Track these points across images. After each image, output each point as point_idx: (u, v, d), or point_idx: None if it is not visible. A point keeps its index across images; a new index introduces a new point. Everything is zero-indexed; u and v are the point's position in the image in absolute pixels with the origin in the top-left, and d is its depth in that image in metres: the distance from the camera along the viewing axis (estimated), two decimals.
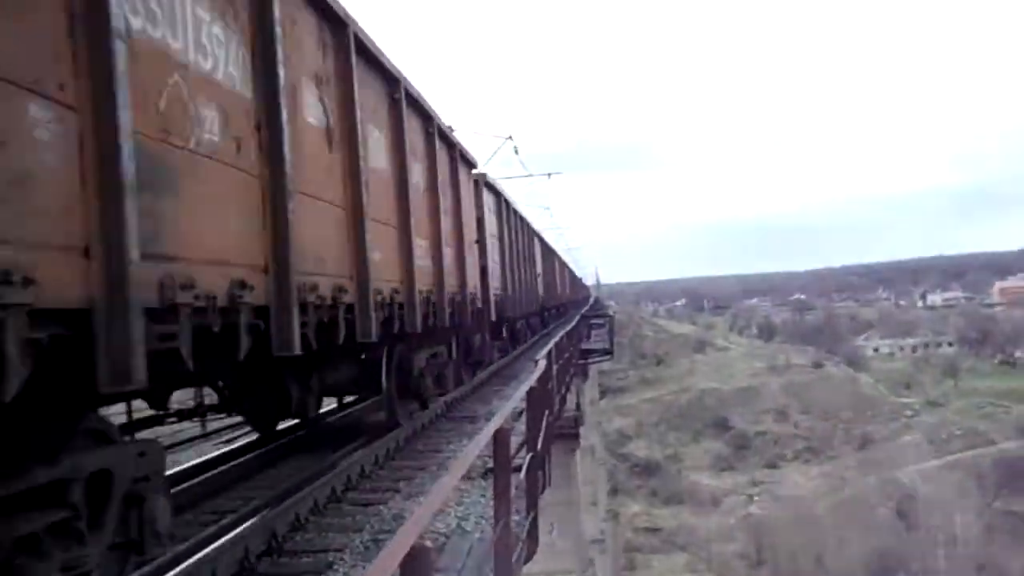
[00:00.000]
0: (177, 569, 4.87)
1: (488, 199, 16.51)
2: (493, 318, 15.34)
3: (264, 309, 4.77)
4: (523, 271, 22.52)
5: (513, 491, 6.37)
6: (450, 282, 10.63)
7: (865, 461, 76.90)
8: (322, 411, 10.80)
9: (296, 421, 9.90)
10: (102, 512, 3.97)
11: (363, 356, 9.16)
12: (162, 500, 4.42)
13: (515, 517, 6.66)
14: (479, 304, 13.20)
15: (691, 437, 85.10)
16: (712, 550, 67.06)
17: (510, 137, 29.96)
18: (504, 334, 20.21)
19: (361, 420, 11.38)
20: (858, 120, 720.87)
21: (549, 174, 36.71)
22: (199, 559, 5.03)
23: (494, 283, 15.94)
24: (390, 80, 8.36)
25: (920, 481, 71.13)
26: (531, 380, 7.01)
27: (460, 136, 12.88)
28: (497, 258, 17.31)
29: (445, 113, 10.80)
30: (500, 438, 4.55)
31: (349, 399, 11.99)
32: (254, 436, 9.56)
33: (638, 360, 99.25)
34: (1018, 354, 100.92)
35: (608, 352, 35.80)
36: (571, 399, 21.69)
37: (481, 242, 14.35)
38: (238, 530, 5.67)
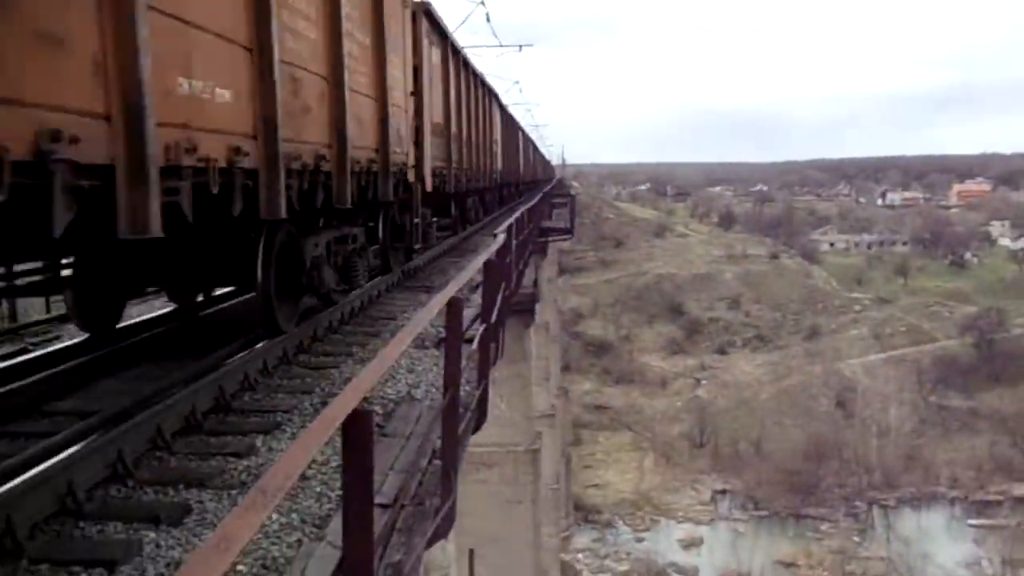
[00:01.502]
0: (126, 424, 4.85)
1: (430, 43, 13.58)
2: (428, 190, 12.83)
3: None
4: (477, 139, 19.97)
5: (465, 362, 6.39)
6: (363, 143, 8.53)
7: (811, 352, 78.99)
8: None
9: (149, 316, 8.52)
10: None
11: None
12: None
13: (466, 387, 6.70)
14: (410, 176, 11.15)
15: (645, 320, 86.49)
16: (657, 430, 69.18)
17: (482, 2, 28.72)
18: (454, 212, 17.93)
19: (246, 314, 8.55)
20: (836, 17, 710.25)
21: (520, 46, 35.79)
22: (147, 415, 5.01)
23: (434, 151, 13.65)
24: None
25: (862, 373, 73.42)
26: (488, 252, 6.95)
27: None
28: (440, 119, 14.83)
29: None
30: (453, 307, 4.50)
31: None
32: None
33: (598, 242, 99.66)
34: (968, 256, 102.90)
35: (568, 231, 35.83)
36: (529, 276, 21.77)
37: (418, 96, 11.86)
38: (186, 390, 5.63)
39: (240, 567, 3.50)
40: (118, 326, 7.69)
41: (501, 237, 8.35)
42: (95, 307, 7.35)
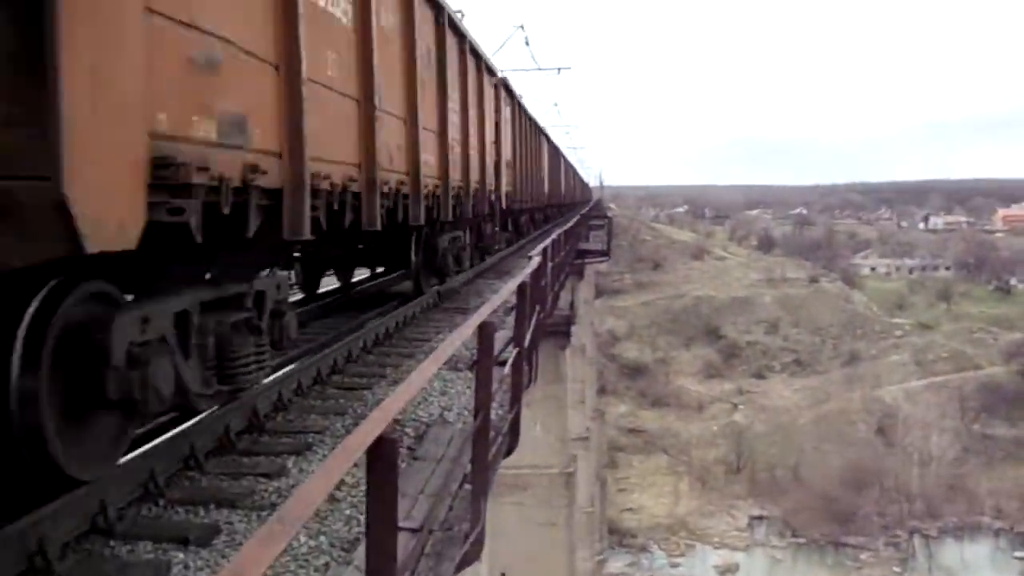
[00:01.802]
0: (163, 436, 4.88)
1: (505, 101, 17.80)
2: (504, 208, 17.18)
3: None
4: (531, 169, 23.80)
5: (498, 385, 6.37)
6: (473, 177, 12.15)
7: (851, 377, 77.93)
8: (354, 280, 12.95)
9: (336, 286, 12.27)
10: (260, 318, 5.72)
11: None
12: (292, 315, 6.38)
13: (499, 411, 6.68)
14: (492, 198, 14.63)
15: (682, 342, 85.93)
16: (693, 454, 68.51)
17: (521, 26, 29.07)
18: (510, 227, 22.00)
19: (387, 290, 12.88)
20: (876, 42, 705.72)
21: (559, 69, 36.03)
22: (180, 432, 5.04)
23: (505, 179, 17.09)
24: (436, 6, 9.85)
25: (903, 400, 72.23)
26: (523, 275, 6.93)
27: (468, 23, 12.64)
28: (509, 156, 18.37)
29: None
30: (484, 331, 4.49)
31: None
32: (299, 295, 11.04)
33: (636, 263, 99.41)
34: (1013, 281, 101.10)
35: (605, 253, 35.76)
36: (565, 297, 21.78)
37: (498, 142, 15.57)
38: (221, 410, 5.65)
39: None
40: (318, 291, 11.63)
41: (536, 259, 8.33)
42: (308, 279, 11.39)
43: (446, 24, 10.28)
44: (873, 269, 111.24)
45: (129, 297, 4.42)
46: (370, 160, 6.78)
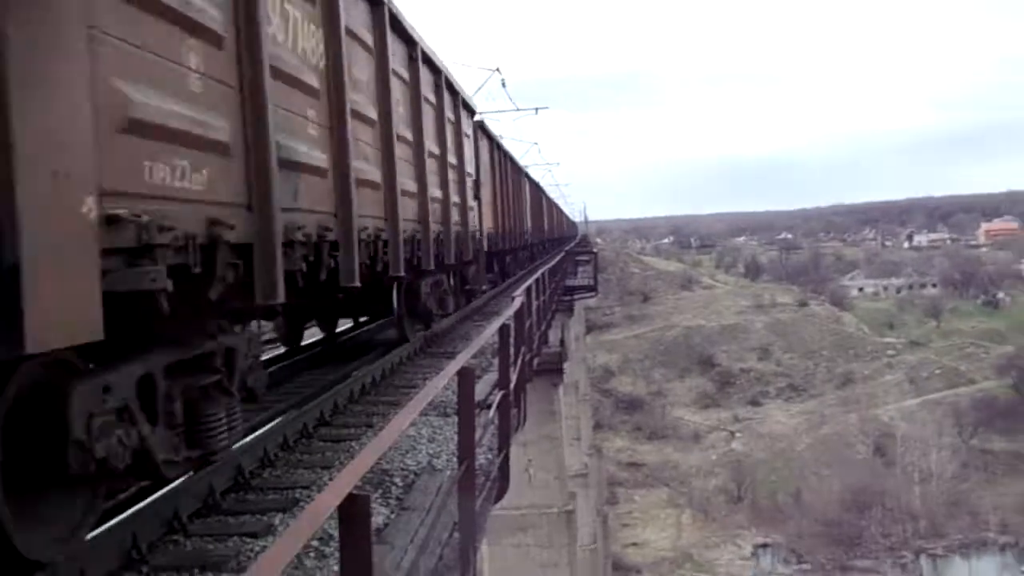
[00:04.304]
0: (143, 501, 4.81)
1: (484, 143, 17.96)
2: (486, 251, 17.05)
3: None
4: (512, 209, 23.77)
5: (489, 429, 6.33)
6: (455, 220, 12.15)
7: (846, 399, 77.85)
8: (337, 330, 12.62)
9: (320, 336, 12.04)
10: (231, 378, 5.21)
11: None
12: (262, 371, 5.89)
13: (489, 455, 6.63)
14: (475, 240, 14.46)
15: (676, 374, 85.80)
16: (693, 485, 68.10)
17: (497, 70, 29.40)
18: (495, 267, 21.88)
19: (372, 338, 12.89)
20: (845, 60, 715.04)
21: (536, 109, 36.41)
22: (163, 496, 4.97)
23: (487, 221, 17.16)
24: (409, 43, 9.64)
25: (899, 419, 72.15)
26: (503, 317, 6.92)
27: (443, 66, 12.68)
28: (490, 198, 18.35)
29: (429, 40, 10.52)
30: (464, 377, 4.46)
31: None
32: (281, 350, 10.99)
33: (625, 297, 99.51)
34: (1000, 295, 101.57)
35: (592, 288, 35.80)
36: (556, 335, 21.72)
37: (477, 183, 15.54)
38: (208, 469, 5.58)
39: None
40: (301, 343, 11.34)
41: (518, 300, 8.31)
42: (291, 331, 11.06)
43: (419, 60, 9.98)
44: (861, 290, 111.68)
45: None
46: (347, 209, 6.60)
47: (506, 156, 23.79)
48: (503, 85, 33.76)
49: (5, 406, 3.39)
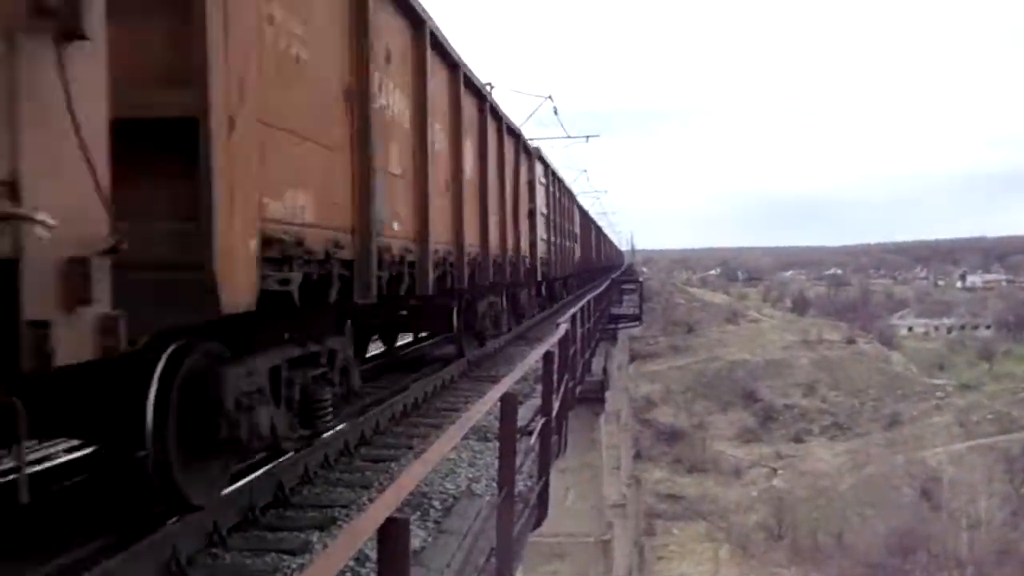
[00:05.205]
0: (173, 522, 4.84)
1: (539, 172, 18.68)
2: (539, 278, 17.98)
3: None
4: (563, 237, 24.57)
5: (529, 456, 6.29)
6: (510, 246, 13.06)
7: (892, 440, 76.25)
8: (398, 344, 13.67)
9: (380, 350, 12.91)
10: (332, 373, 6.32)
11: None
12: (357, 371, 7.01)
13: (529, 481, 6.58)
14: (528, 265, 15.37)
15: (718, 407, 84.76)
16: (732, 520, 67.04)
17: (549, 97, 29.65)
18: (544, 292, 22.94)
19: (428, 353, 13.74)
20: (899, 97, 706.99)
21: (587, 137, 36.47)
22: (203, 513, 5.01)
23: (540, 247, 17.78)
24: (481, 96, 10.68)
25: (947, 463, 70.48)
26: (547, 343, 6.89)
27: (498, 94, 13.15)
28: (543, 225, 19.07)
29: (482, 69, 10.87)
30: (507, 403, 4.44)
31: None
32: None
33: (669, 327, 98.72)
34: None
35: (637, 318, 35.62)
36: (599, 363, 21.62)
37: (532, 212, 16.28)
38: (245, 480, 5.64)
39: None
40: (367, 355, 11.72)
41: (563, 327, 8.28)
42: (357, 345, 11.26)
43: (488, 110, 10.99)
44: (911, 329, 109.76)
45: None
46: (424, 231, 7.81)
47: (562, 189, 24.51)
48: (555, 112, 33.89)
49: (178, 387, 4.55)
